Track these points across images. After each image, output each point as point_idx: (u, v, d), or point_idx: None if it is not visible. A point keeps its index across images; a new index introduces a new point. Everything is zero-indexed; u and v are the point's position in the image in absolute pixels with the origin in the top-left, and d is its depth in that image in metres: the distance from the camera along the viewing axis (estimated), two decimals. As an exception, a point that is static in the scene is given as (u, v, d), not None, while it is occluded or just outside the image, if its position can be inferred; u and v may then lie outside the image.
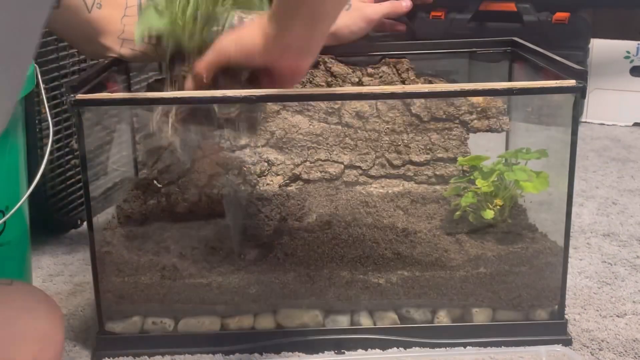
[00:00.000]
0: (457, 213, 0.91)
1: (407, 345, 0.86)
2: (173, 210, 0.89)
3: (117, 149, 0.99)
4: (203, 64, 0.83)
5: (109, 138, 0.96)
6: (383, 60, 1.03)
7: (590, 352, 0.85)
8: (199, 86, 0.83)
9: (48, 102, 1.08)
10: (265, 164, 0.99)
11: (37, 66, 0.89)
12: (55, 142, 1.14)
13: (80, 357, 0.86)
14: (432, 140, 1.00)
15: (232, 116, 0.87)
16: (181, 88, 0.84)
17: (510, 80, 1.05)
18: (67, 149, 1.17)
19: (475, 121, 0.99)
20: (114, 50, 0.95)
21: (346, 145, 1.00)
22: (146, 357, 0.86)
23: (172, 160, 0.90)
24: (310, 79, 1.03)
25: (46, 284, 1.04)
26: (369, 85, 1.02)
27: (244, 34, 0.82)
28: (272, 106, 0.99)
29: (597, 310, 0.94)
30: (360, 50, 1.06)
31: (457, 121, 1.00)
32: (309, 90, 0.79)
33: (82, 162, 0.82)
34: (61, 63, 1.14)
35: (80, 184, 1.19)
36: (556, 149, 0.88)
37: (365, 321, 0.87)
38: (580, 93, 0.81)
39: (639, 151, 1.59)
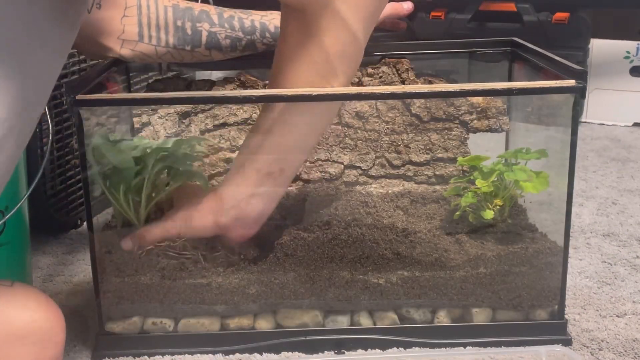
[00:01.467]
0: (457, 213, 0.92)
1: (407, 345, 0.86)
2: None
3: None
4: (149, 237, 0.86)
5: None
6: (383, 61, 1.03)
7: (590, 352, 0.85)
8: (140, 247, 0.86)
9: (48, 102, 1.08)
10: (265, 164, 0.99)
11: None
12: (55, 142, 1.14)
13: (80, 357, 0.86)
14: (432, 140, 1.00)
15: None
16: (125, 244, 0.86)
17: (510, 80, 1.05)
18: (67, 149, 1.17)
19: (475, 121, 0.99)
20: (114, 50, 0.95)
21: (346, 145, 1.00)
22: (146, 357, 0.86)
23: None
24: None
25: (46, 284, 1.04)
26: (369, 85, 1.02)
27: (193, 214, 0.86)
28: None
29: (597, 310, 0.94)
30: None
31: (457, 121, 1.00)
32: (308, 90, 0.79)
33: (82, 162, 0.82)
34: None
35: (80, 184, 1.19)
36: (556, 149, 0.88)
37: (365, 321, 0.87)
38: (580, 93, 0.81)
39: (639, 151, 1.59)
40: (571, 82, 0.80)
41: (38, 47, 0.64)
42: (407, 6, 1.08)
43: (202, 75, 1.17)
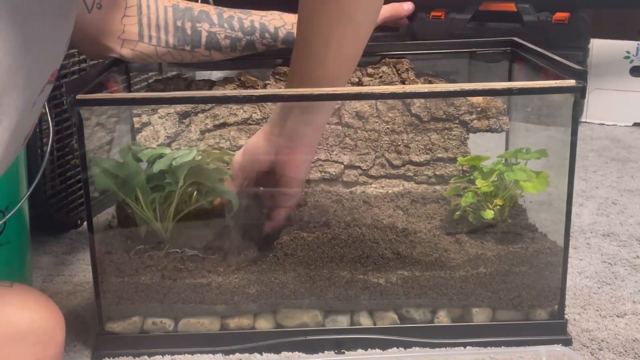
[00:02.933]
0: (457, 213, 0.92)
1: (407, 345, 0.86)
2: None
3: (117, 149, 0.99)
4: (228, 182, 0.89)
5: (109, 138, 0.96)
6: (383, 61, 1.03)
7: (590, 352, 0.85)
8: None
9: (48, 102, 1.08)
10: (265, 164, 0.99)
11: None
12: (55, 142, 1.14)
13: (80, 357, 0.86)
14: (432, 140, 1.00)
15: None
16: None
17: (510, 80, 1.05)
18: (67, 149, 1.17)
19: (475, 121, 0.99)
20: (114, 50, 0.95)
21: (346, 145, 1.00)
22: (146, 357, 0.86)
23: None
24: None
25: (46, 284, 1.04)
26: (369, 85, 1.02)
27: (249, 141, 0.89)
28: (272, 106, 0.99)
29: (597, 310, 0.94)
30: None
31: (457, 121, 1.00)
32: (308, 90, 0.79)
33: (82, 162, 0.82)
34: (61, 63, 1.14)
35: (80, 184, 1.19)
36: (556, 149, 0.88)
37: (365, 321, 0.87)
38: (580, 93, 0.81)
39: (639, 151, 1.59)
40: (571, 82, 0.80)
41: (38, 15, 0.63)
42: (408, 6, 1.08)
43: (202, 75, 1.17)
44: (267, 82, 1.03)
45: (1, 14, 0.60)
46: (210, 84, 1.03)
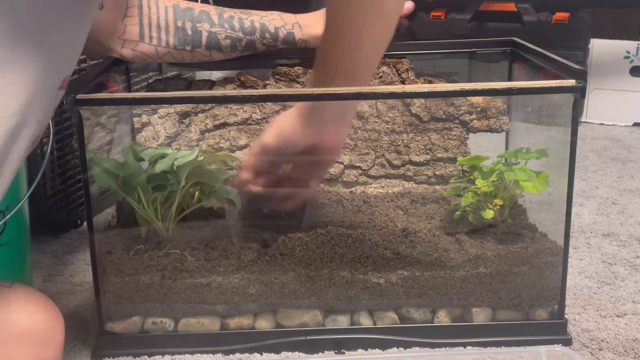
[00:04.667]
0: (457, 213, 0.92)
1: (407, 345, 0.86)
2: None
3: (117, 149, 0.99)
4: (250, 158, 0.86)
5: (109, 138, 0.96)
6: (383, 61, 1.03)
7: (590, 352, 0.85)
8: (249, 178, 0.88)
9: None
10: (265, 164, 0.99)
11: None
12: (55, 142, 1.14)
13: (80, 357, 0.86)
14: (432, 140, 1.00)
15: None
16: None
17: (510, 80, 1.05)
18: (67, 149, 1.17)
19: (475, 121, 0.99)
20: (115, 50, 0.95)
21: (346, 145, 1.00)
22: (146, 357, 0.86)
23: None
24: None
25: (46, 284, 1.04)
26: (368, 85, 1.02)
27: (282, 124, 0.85)
28: (272, 106, 0.99)
29: (597, 310, 0.94)
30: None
31: (457, 121, 1.00)
32: (308, 90, 0.79)
33: (82, 162, 0.82)
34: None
35: (80, 184, 1.19)
36: (556, 149, 0.88)
37: (365, 321, 0.87)
38: (579, 93, 0.81)
39: (639, 151, 1.59)
40: (571, 82, 0.80)
41: (54, 31, 0.63)
42: (408, 6, 1.08)
43: (202, 75, 1.17)
44: (267, 82, 1.03)
45: (29, 27, 0.61)
46: (210, 84, 1.03)
